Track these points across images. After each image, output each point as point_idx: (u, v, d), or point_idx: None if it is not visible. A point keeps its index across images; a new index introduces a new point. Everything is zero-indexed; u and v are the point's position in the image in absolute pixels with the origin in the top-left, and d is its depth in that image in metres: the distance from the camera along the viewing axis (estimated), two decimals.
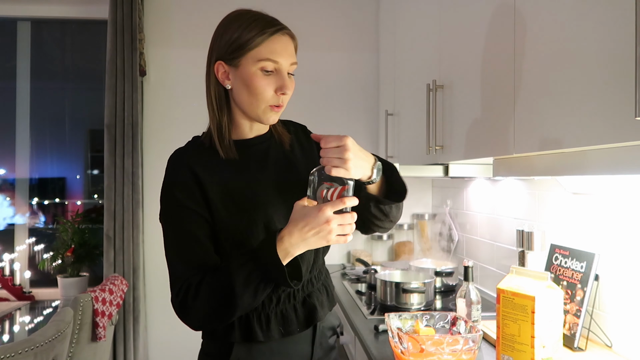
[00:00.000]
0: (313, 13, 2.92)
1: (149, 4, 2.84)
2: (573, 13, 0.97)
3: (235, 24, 1.07)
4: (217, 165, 1.11)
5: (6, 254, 2.89)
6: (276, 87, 1.08)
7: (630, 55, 0.76)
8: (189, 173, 1.08)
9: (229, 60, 1.07)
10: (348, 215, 0.99)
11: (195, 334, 1.22)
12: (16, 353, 1.52)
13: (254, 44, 1.05)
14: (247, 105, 1.10)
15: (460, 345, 1.19)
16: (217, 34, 1.11)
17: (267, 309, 1.11)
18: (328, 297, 1.23)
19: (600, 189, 1.44)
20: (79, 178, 3.15)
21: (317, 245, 1.00)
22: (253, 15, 1.08)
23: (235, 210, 1.08)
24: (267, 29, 1.05)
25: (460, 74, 1.56)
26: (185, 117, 2.86)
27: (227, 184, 1.09)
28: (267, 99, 1.08)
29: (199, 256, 1.06)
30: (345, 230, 0.99)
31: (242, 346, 1.10)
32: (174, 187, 1.09)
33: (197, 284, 1.04)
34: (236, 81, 1.08)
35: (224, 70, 1.09)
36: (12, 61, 2.97)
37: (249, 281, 1.01)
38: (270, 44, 1.06)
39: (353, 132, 2.95)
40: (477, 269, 2.28)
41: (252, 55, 1.05)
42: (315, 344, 1.18)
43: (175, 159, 1.14)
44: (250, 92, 1.07)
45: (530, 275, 1.23)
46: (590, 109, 0.90)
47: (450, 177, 1.84)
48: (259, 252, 1.01)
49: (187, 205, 1.07)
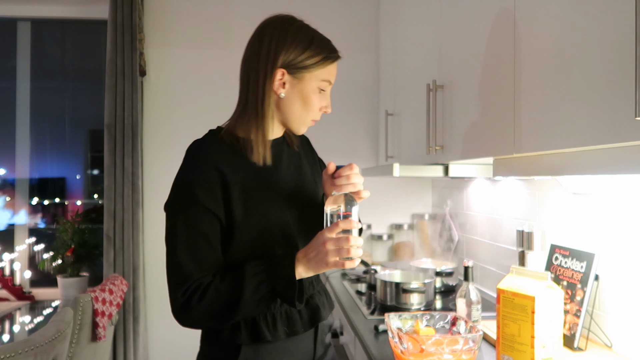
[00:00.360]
0: (313, 13, 2.91)
1: (149, 4, 2.84)
2: (573, 12, 0.97)
3: (304, 39, 1.12)
4: (239, 163, 1.12)
5: (6, 254, 2.89)
6: (322, 105, 1.16)
7: (630, 55, 0.76)
8: (214, 171, 1.08)
9: (294, 71, 1.11)
10: (343, 238, 1.02)
11: (195, 334, 1.22)
12: (16, 353, 1.52)
13: (321, 65, 1.13)
14: (294, 116, 1.15)
15: (460, 345, 1.19)
16: (282, 39, 1.11)
17: (272, 309, 1.12)
18: (327, 299, 1.27)
19: (600, 189, 1.44)
20: (79, 178, 3.15)
21: (319, 267, 1.04)
22: (319, 35, 1.16)
23: (254, 210, 1.10)
24: (333, 54, 1.15)
25: (460, 74, 1.56)
26: (185, 117, 2.87)
27: (248, 183, 1.11)
28: (314, 113, 1.16)
29: (210, 258, 1.07)
30: (341, 254, 1.02)
31: (249, 347, 1.11)
32: (196, 184, 1.07)
33: (205, 286, 1.04)
34: (293, 92, 1.13)
35: (282, 79, 1.12)
36: (12, 61, 2.97)
37: (257, 290, 1.03)
38: (331, 68, 1.15)
39: (353, 132, 2.96)
40: (477, 269, 2.28)
41: (317, 75, 1.13)
42: (317, 341, 1.22)
43: (200, 153, 1.12)
44: (303, 105, 1.14)
45: (530, 275, 1.23)
46: (590, 109, 0.90)
47: (450, 177, 1.84)
48: (276, 266, 1.04)
49: (206, 206, 1.06)
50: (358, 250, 1.03)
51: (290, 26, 1.13)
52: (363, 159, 2.95)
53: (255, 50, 1.13)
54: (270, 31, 1.13)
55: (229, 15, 2.87)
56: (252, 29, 1.20)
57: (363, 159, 2.95)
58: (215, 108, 2.89)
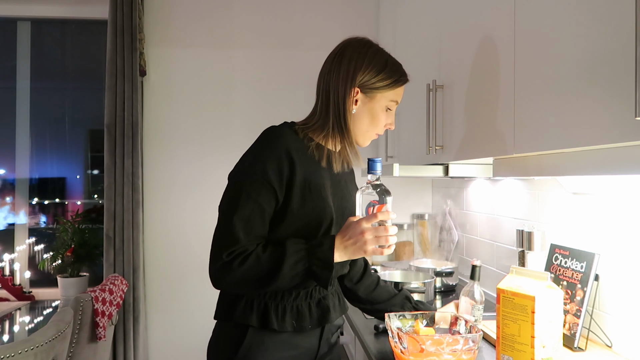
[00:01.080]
0: (313, 13, 2.92)
1: (149, 4, 2.84)
2: (573, 12, 0.97)
3: (379, 62, 1.24)
4: (305, 158, 1.21)
5: (6, 254, 2.89)
6: (387, 122, 1.28)
7: (630, 55, 0.76)
8: (286, 155, 1.16)
9: (367, 91, 1.23)
10: (381, 228, 1.11)
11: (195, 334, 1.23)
12: (16, 353, 1.52)
13: (392, 87, 1.24)
14: (361, 130, 1.26)
15: (460, 345, 1.19)
16: (361, 60, 1.23)
17: (284, 301, 1.20)
18: (340, 302, 1.33)
19: (600, 189, 1.44)
20: (79, 178, 3.15)
21: (356, 254, 1.13)
22: (393, 59, 1.28)
23: (310, 202, 1.18)
24: (403, 77, 1.27)
25: (460, 74, 1.56)
26: (185, 117, 2.87)
27: (310, 178, 1.19)
28: (379, 129, 1.28)
29: (260, 231, 1.16)
30: (380, 242, 1.11)
31: (256, 333, 1.17)
32: (268, 161, 1.15)
33: (249, 253, 1.12)
34: (363, 109, 1.24)
35: (355, 97, 1.22)
36: (12, 61, 2.97)
37: (295, 266, 1.11)
38: (400, 90, 1.28)
39: None
40: None
41: (387, 95, 1.25)
42: (322, 339, 1.27)
43: (276, 136, 1.20)
44: (371, 122, 1.26)
45: (530, 275, 1.23)
46: (590, 109, 0.90)
47: (450, 177, 1.84)
48: (317, 247, 1.12)
49: (271, 183, 1.14)
50: (394, 238, 1.12)
51: (369, 49, 1.26)
52: (363, 158, 2.95)
53: (336, 67, 1.24)
54: (349, 52, 1.24)
55: (229, 15, 2.87)
56: (252, 29, 1.22)
57: (363, 159, 2.94)
58: (215, 108, 2.90)
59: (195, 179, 2.87)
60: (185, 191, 2.88)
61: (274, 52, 2.89)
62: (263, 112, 2.91)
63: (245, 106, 2.91)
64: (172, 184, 2.85)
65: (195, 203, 2.86)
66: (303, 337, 1.22)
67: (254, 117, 2.89)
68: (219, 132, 2.89)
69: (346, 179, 1.36)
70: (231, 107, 2.90)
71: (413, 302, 1.51)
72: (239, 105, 2.91)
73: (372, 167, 1.17)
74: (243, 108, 2.91)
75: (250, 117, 2.89)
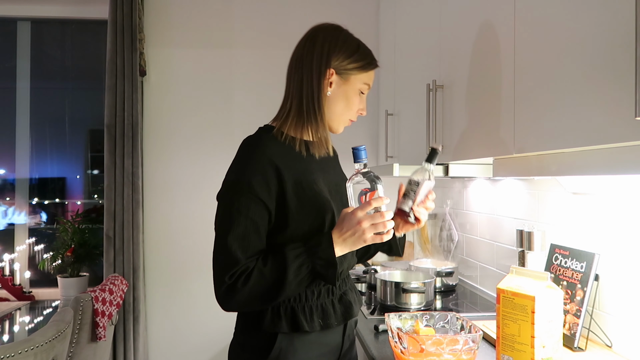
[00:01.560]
0: (313, 13, 2.92)
1: (149, 4, 2.84)
2: (573, 12, 0.97)
3: (352, 44, 1.23)
4: (291, 161, 1.19)
5: (6, 254, 2.89)
6: (360, 107, 1.27)
7: (630, 55, 0.76)
8: (270, 166, 1.14)
9: (342, 72, 1.21)
10: (377, 214, 1.10)
11: (195, 334, 1.22)
12: (16, 353, 1.52)
13: (365, 69, 1.24)
14: (335, 114, 1.24)
15: (460, 345, 1.19)
16: (334, 43, 1.21)
17: (310, 302, 1.19)
18: (357, 297, 1.33)
19: (600, 189, 1.44)
20: (79, 178, 3.15)
21: (356, 245, 1.12)
22: (364, 44, 1.26)
23: (306, 204, 1.16)
24: (374, 61, 1.26)
25: (460, 74, 1.56)
26: (185, 117, 2.87)
27: (300, 179, 1.18)
28: (352, 114, 1.27)
29: (257, 246, 1.14)
30: (379, 229, 1.10)
31: (286, 337, 1.17)
32: (252, 177, 1.13)
33: (251, 270, 1.11)
34: (338, 91, 1.23)
35: (330, 79, 1.21)
36: (12, 61, 2.97)
37: (299, 272, 1.10)
38: (372, 74, 1.27)
39: (353, 132, 2.95)
40: (477, 269, 2.28)
41: (360, 77, 1.24)
42: (345, 336, 1.28)
43: (256, 148, 1.17)
44: (346, 105, 1.24)
45: (530, 275, 1.23)
46: (590, 108, 0.90)
47: (450, 177, 1.84)
48: (316, 248, 1.11)
49: (260, 197, 1.13)
50: (391, 223, 1.11)
51: (341, 33, 1.25)
52: None
53: (309, 50, 1.22)
54: (322, 35, 1.23)
55: (229, 15, 2.87)
56: (252, 29, 1.22)
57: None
58: (215, 108, 2.90)
59: (195, 178, 2.87)
60: (185, 191, 2.88)
61: (274, 52, 2.88)
62: (263, 112, 2.89)
63: (245, 106, 2.91)
64: (172, 184, 2.85)
65: (195, 203, 2.86)
66: (329, 335, 1.22)
67: (254, 117, 2.88)
68: (219, 132, 2.89)
69: (334, 165, 1.35)
70: (231, 107, 2.90)
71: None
72: (239, 105, 2.91)
73: (357, 156, 1.15)
74: (243, 108, 2.91)
75: (250, 117, 2.89)
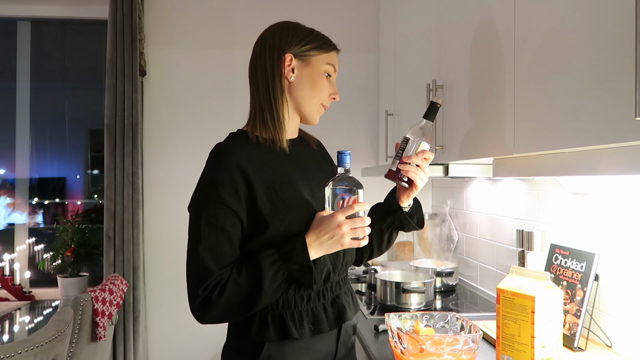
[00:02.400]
0: (313, 13, 2.92)
1: (149, 4, 2.84)
2: (573, 12, 0.97)
3: (304, 30, 1.22)
4: (262, 164, 1.16)
5: (6, 254, 2.89)
6: (330, 91, 1.24)
7: (630, 55, 0.76)
8: (238, 172, 1.12)
9: (301, 55, 1.19)
10: (358, 219, 1.09)
11: (195, 334, 1.22)
12: (16, 353, 1.52)
13: (325, 49, 1.21)
14: (305, 99, 1.21)
15: (460, 345, 1.19)
16: (285, 32, 1.20)
17: (299, 307, 1.16)
18: (353, 300, 1.29)
19: (600, 189, 1.44)
20: (79, 178, 3.15)
21: (333, 249, 1.10)
22: (315, 30, 1.24)
23: (280, 207, 1.13)
24: (332, 43, 1.24)
25: (460, 74, 1.56)
26: (185, 117, 2.86)
27: (273, 181, 1.15)
28: (324, 97, 1.23)
29: (230, 256, 1.11)
30: (357, 234, 1.09)
31: (274, 344, 1.14)
32: (220, 185, 1.11)
33: (225, 281, 1.08)
34: (302, 75, 1.20)
35: (290, 65, 1.19)
36: (12, 61, 2.97)
37: (275, 279, 1.08)
38: (333, 55, 1.24)
39: (353, 132, 2.96)
40: (477, 269, 2.28)
41: (322, 58, 1.21)
42: (340, 342, 1.23)
43: (224, 155, 1.15)
44: (313, 87, 1.21)
45: (530, 275, 1.23)
46: (590, 109, 0.90)
47: (450, 177, 1.84)
48: (290, 253, 1.09)
49: (229, 205, 1.10)
50: (368, 229, 1.10)
51: (290, 24, 1.24)
52: (363, 159, 2.95)
53: (261, 46, 1.22)
54: (272, 30, 1.23)
55: (229, 15, 2.87)
56: (252, 29, 1.22)
57: (363, 159, 2.95)
58: (215, 108, 2.90)
59: (195, 178, 2.84)
60: (185, 191, 2.87)
61: None
62: None
63: (245, 106, 2.89)
64: (172, 184, 2.85)
65: None
66: (321, 341, 1.19)
67: None
68: (219, 132, 2.86)
69: (317, 161, 1.30)
70: (231, 107, 2.90)
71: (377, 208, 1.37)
72: (239, 105, 2.91)
73: (341, 160, 1.13)
74: (243, 108, 2.88)
75: None
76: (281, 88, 1.19)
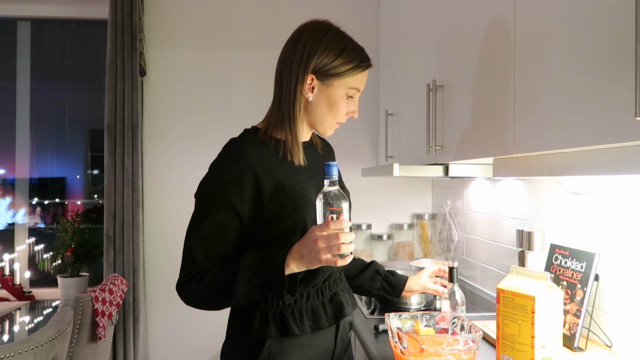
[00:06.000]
0: (313, 13, 2.91)
1: (149, 4, 2.84)
2: (573, 11, 0.97)
3: (336, 47, 1.18)
4: (273, 163, 1.18)
5: (6, 254, 2.89)
6: (349, 110, 1.23)
7: (630, 55, 0.76)
8: (247, 171, 1.13)
9: (323, 77, 1.18)
10: (332, 235, 1.03)
11: (195, 334, 1.23)
12: (16, 353, 1.52)
13: (351, 73, 1.19)
14: (319, 119, 1.22)
15: (460, 345, 1.19)
16: (316, 45, 1.18)
17: (299, 304, 1.18)
18: (351, 297, 1.32)
19: (600, 189, 1.44)
20: (79, 178, 3.15)
21: (312, 264, 1.07)
22: (353, 43, 1.21)
23: (287, 206, 1.15)
24: (364, 63, 1.20)
25: (460, 74, 1.56)
26: (185, 117, 2.86)
27: (282, 181, 1.16)
28: (340, 117, 1.23)
29: (220, 250, 1.14)
30: (332, 251, 1.03)
31: (275, 341, 1.16)
32: (225, 181, 1.13)
33: (206, 272, 1.12)
34: (320, 96, 1.20)
35: (311, 84, 1.19)
36: (12, 61, 2.97)
37: (249, 282, 1.10)
38: (361, 76, 1.21)
39: (353, 132, 2.95)
40: (477, 269, 2.28)
41: (345, 82, 1.19)
42: (338, 338, 1.26)
43: (235, 152, 1.17)
44: (330, 110, 1.21)
45: (530, 275, 1.23)
46: (590, 108, 0.90)
47: (450, 177, 1.84)
48: (268, 261, 1.09)
49: (231, 203, 1.12)
50: (349, 246, 1.04)
51: (326, 33, 1.20)
52: (363, 159, 2.95)
53: (290, 55, 1.20)
54: (305, 37, 1.20)
55: (229, 15, 2.87)
56: (252, 29, 1.22)
57: (363, 159, 2.95)
58: (215, 108, 2.90)
59: (195, 178, 2.83)
60: (185, 191, 2.87)
61: (274, 52, 2.87)
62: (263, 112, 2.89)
63: (245, 106, 2.91)
64: (172, 184, 2.85)
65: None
66: (320, 337, 1.21)
67: (254, 117, 2.87)
68: (219, 132, 2.88)
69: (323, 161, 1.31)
70: (231, 107, 2.90)
71: (383, 274, 1.53)
72: (239, 105, 2.91)
73: (327, 172, 1.08)
74: (243, 108, 2.90)
75: (250, 117, 2.87)
76: (300, 105, 1.19)
